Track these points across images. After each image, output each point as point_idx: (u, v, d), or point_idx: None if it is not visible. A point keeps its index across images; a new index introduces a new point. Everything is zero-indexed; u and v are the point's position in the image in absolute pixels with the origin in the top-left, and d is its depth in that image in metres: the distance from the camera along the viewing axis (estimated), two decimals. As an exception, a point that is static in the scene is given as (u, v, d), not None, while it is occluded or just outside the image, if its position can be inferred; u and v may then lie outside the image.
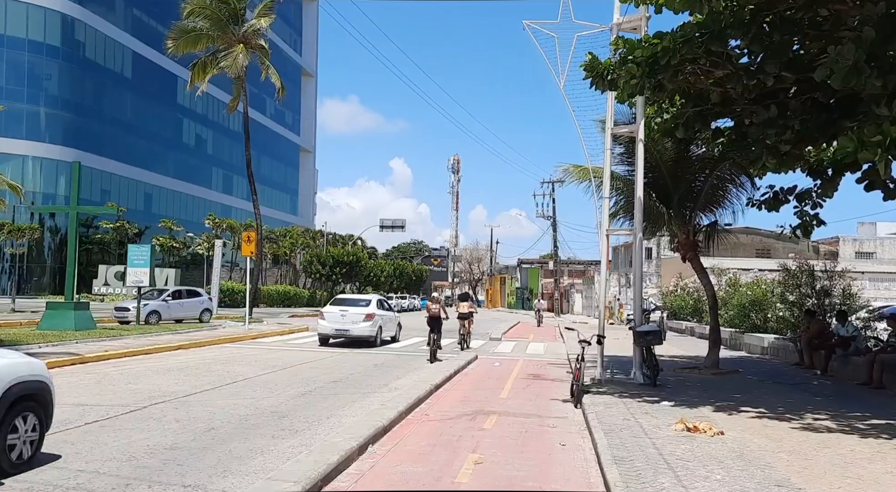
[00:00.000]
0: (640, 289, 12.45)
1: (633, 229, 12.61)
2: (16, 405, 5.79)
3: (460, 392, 11.77)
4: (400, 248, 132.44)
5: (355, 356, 17.03)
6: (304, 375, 13.03)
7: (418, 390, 10.73)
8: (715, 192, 14.35)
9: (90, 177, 55.41)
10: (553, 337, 27.87)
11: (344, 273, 47.15)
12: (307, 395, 10.54)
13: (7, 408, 5.68)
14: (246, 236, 22.85)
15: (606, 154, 12.61)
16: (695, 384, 12.21)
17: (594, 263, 73.07)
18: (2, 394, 5.62)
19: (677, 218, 14.28)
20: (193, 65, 25.64)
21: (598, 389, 11.37)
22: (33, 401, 6.04)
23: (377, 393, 10.88)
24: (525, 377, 14.14)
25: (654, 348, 11.93)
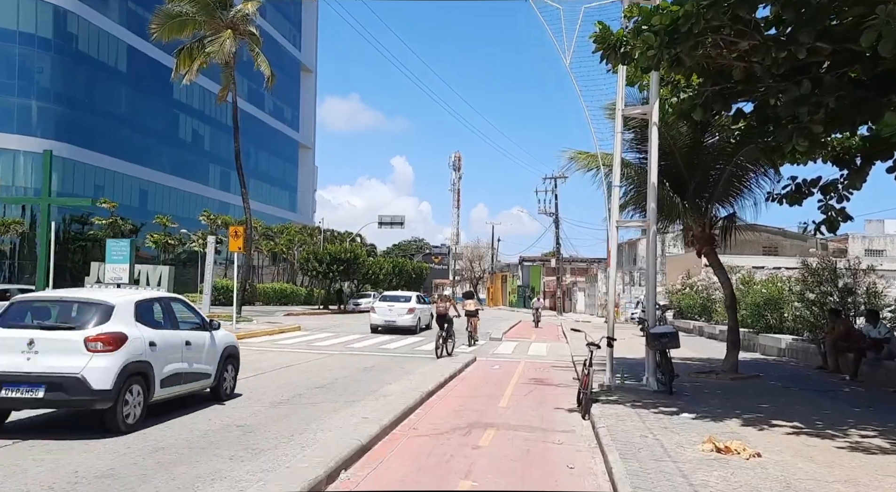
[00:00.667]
0: (653, 286, 11.33)
1: (645, 221, 11.48)
2: (227, 359, 9.74)
3: (455, 400, 10.65)
4: (401, 245, 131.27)
5: (345, 358, 15.93)
6: (286, 379, 11.93)
7: (408, 398, 9.62)
8: (733, 181, 13.20)
9: (83, 172, 54.41)
10: (556, 337, 26.76)
11: (341, 271, 45.92)
12: (284, 404, 9.43)
13: (223, 360, 9.60)
14: (233, 231, 21.74)
15: (617, 138, 11.48)
16: (714, 391, 11.08)
17: (597, 261, 71.91)
18: (222, 351, 9.60)
19: (692, 210, 13.15)
20: (179, 51, 24.51)
21: (608, 397, 10.26)
22: (233, 357, 10.06)
23: (362, 402, 9.77)
24: (527, 382, 13.02)
25: (669, 352, 10.80)
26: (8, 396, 6.94)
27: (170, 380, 8.16)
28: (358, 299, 49.42)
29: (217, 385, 9.42)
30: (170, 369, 8.15)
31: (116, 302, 7.74)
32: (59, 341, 7.24)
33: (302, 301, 54.29)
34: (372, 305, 25.63)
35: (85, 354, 7.11)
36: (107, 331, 7.31)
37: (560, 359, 17.72)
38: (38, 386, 6.93)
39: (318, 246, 49.56)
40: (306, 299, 54.46)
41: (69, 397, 7.02)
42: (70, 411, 7.74)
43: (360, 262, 47.74)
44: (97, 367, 7.06)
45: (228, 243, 22.51)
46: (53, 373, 6.98)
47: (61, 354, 7.10)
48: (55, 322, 7.73)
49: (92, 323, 7.42)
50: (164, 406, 8.37)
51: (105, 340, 7.22)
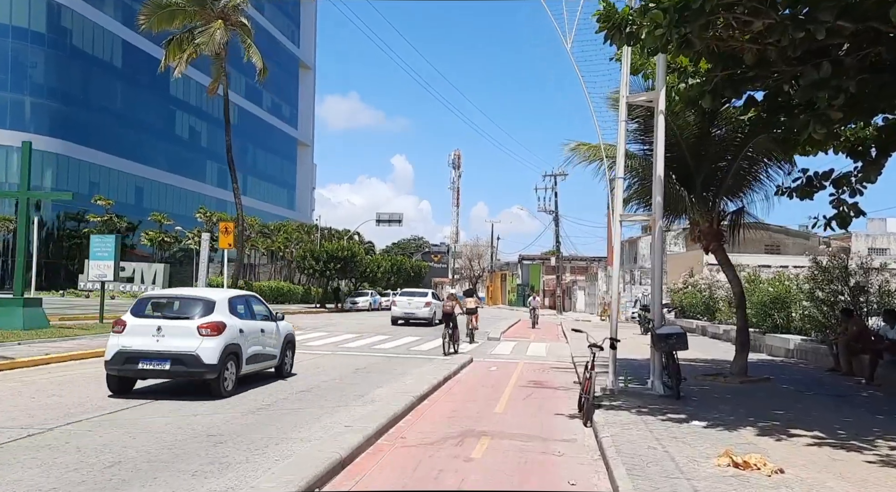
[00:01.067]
0: (659, 285, 10.68)
1: (651, 215, 10.83)
2: (287, 345, 11.74)
3: (449, 405, 10.01)
4: (400, 244, 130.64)
5: (337, 359, 15.29)
6: (270, 383, 11.28)
7: (397, 403, 8.97)
8: (743, 174, 12.56)
9: (77, 168, 53.78)
10: (555, 337, 26.11)
11: (338, 269, 45.28)
12: (264, 410, 8.79)
13: (285, 345, 11.61)
14: (223, 228, 21.10)
15: (621, 127, 10.83)
16: (723, 396, 10.44)
17: (597, 260, 71.28)
18: (284, 338, 11.61)
19: (699, 204, 12.50)
20: (168, 42, 23.83)
21: (612, 401, 9.62)
22: (291, 343, 12.05)
23: (348, 407, 9.13)
24: (525, 385, 12.38)
25: (677, 354, 10.16)
26: (144, 368, 9.22)
27: (251, 359, 10.44)
28: (355, 298, 48.79)
29: (280, 365, 11.70)
30: (251, 350, 10.41)
31: (217, 298, 10.00)
32: (178, 328, 9.39)
33: (299, 300, 53.63)
34: (393, 300, 29.67)
35: (198, 337, 9.30)
36: (212, 320, 9.47)
37: (560, 360, 17.08)
38: (166, 361, 9.19)
39: (316, 244, 48.88)
40: (303, 298, 53.80)
41: (188, 369, 9.26)
42: (185, 379, 9.69)
43: (357, 260, 47.11)
44: (207, 347, 9.25)
45: (219, 240, 21.81)
46: (176, 351, 9.18)
47: (181, 337, 9.29)
48: (174, 313, 9.84)
49: (200, 314, 9.57)
50: (244, 380, 10.33)
51: (211, 327, 9.38)
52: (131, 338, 9.30)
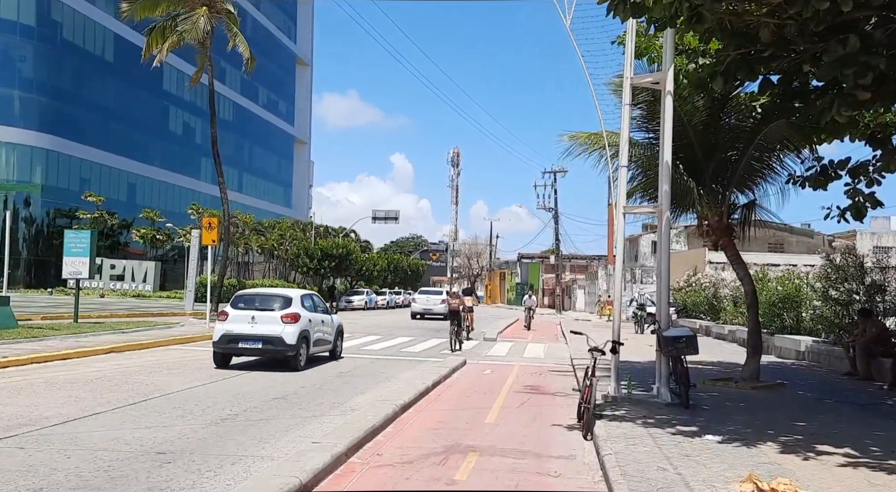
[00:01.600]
0: (666, 283, 9.81)
1: (657, 206, 9.95)
2: (339, 333, 14.55)
3: (436, 414, 9.13)
4: (398, 242, 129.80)
5: (321, 361, 14.40)
6: (243, 388, 10.42)
7: (377, 413, 8.09)
8: (755, 164, 11.69)
9: (68, 164, 52.84)
10: (554, 337, 25.24)
11: (333, 267, 44.45)
12: (228, 421, 7.91)
13: (337, 333, 14.40)
14: (206, 223, 20.18)
15: (625, 111, 9.95)
16: (736, 404, 9.57)
17: (597, 258, 70.43)
18: (336, 328, 14.48)
19: (708, 196, 11.63)
20: (150, 30, 22.92)
21: (614, 411, 8.75)
22: (341, 332, 14.86)
23: (322, 418, 8.26)
24: (521, 390, 11.51)
25: (685, 358, 9.29)
26: (242, 346, 12.32)
27: (316, 343, 13.38)
28: (350, 297, 47.91)
29: (333, 349, 14.60)
30: (316, 336, 13.32)
31: (293, 295, 13.29)
32: (267, 317, 12.35)
33: (294, 298, 52.82)
34: (413, 297, 34.32)
35: (281, 324, 12.28)
36: (290, 311, 12.48)
37: (559, 362, 16.21)
38: (258, 341, 12.19)
39: (310, 242, 48.00)
40: (298, 296, 52.97)
41: (274, 347, 12.24)
42: (269, 357, 12.61)
43: (352, 258, 46.27)
44: (288, 331, 12.24)
45: (202, 236, 20.91)
46: (266, 334, 12.18)
47: (269, 324, 12.24)
48: (263, 306, 12.71)
49: (281, 307, 12.58)
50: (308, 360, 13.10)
51: (290, 317, 12.39)
52: (232, 324, 12.43)
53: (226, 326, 12.38)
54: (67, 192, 52.14)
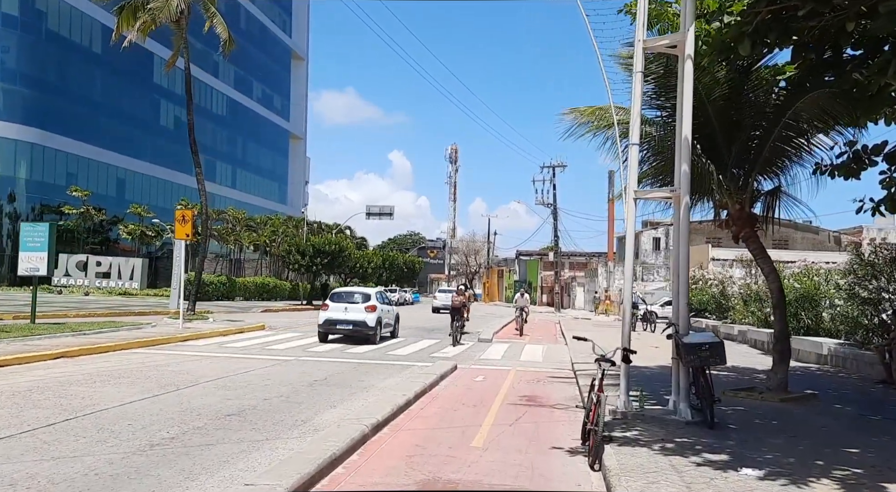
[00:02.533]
0: (685, 278, 8.41)
1: (674, 190, 8.55)
2: (396, 320, 20.85)
3: (414, 434, 7.75)
4: (396, 240, 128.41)
5: (296, 367, 13.02)
6: (197, 401, 9.02)
7: (341, 437, 6.69)
8: (782, 145, 10.28)
9: (54, 159, 51.37)
10: (553, 338, 23.85)
11: (326, 264, 42.94)
12: (159, 447, 6.52)
13: (396, 320, 20.78)
14: (180, 216, 18.76)
15: (636, 81, 8.56)
16: (767, 421, 8.19)
17: (597, 255, 69.07)
18: (395, 315, 20.75)
19: (729, 181, 10.23)
20: (120, 9, 21.48)
21: (626, 431, 7.39)
22: (398, 318, 21.15)
23: (276, 442, 6.88)
24: (516, 402, 10.13)
25: (710, 369, 7.90)
26: (340, 328, 17.69)
27: (385, 326, 18.88)
28: (344, 294, 46.54)
29: (393, 331, 20.18)
30: (385, 320, 18.82)
31: (371, 292, 18.98)
32: (355, 308, 17.78)
33: (286, 296, 51.42)
34: (434, 294, 36.86)
35: (365, 313, 17.77)
36: (371, 304, 17.95)
37: (558, 367, 14.84)
38: (350, 324, 17.63)
39: (300, 238, 46.55)
40: (291, 294, 51.59)
41: (360, 329, 17.71)
42: (356, 335, 17.86)
43: (345, 254, 44.80)
44: (369, 318, 17.73)
45: (175, 230, 19.50)
46: (355, 320, 17.67)
47: (356, 313, 17.71)
48: (351, 300, 18.12)
49: (363, 300, 18.05)
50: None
51: (371, 307, 17.83)
52: (331, 313, 17.95)
53: (327, 314, 18.12)
54: (53, 186, 50.68)
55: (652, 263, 53.94)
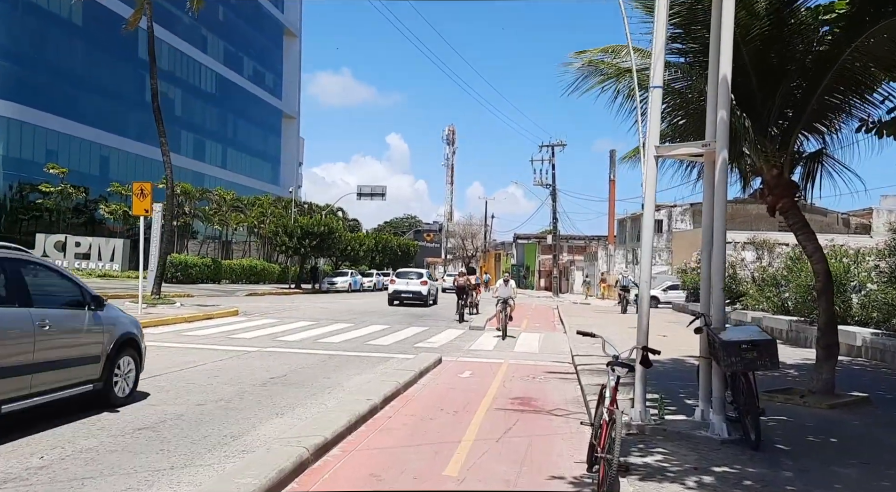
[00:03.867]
0: (720, 258, 6.64)
1: (707, 145, 6.74)
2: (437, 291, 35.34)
3: (371, 456, 6.01)
4: (392, 223, 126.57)
5: (256, 360, 11.29)
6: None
7: (266, 466, 4.95)
8: (833, 98, 8.48)
9: (32, 134, 49.21)
10: (551, 325, 22.15)
11: (314, 246, 41.12)
12: (18, 480, 4.78)
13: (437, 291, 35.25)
14: (138, 189, 16.91)
15: (660, 6, 6.72)
16: (824, 439, 6.47)
17: (597, 238, 67.33)
18: (438, 289, 36.00)
19: (767, 140, 8.44)
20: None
21: (645, 455, 5.68)
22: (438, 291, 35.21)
23: (181, 472, 5.15)
24: (505, 406, 8.40)
25: (754, 375, 6.17)
26: (403, 296, 28.81)
27: (430, 295, 29.89)
28: (333, 278, 44.77)
29: (435, 301, 31.12)
30: (431, 293, 30.24)
31: (423, 271, 31.88)
32: (414, 282, 29.26)
33: (275, 279, 49.66)
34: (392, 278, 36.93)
35: (420, 286, 29.03)
36: (424, 279, 29.59)
37: (556, 358, 13.15)
38: (410, 294, 28.86)
39: (287, 219, 44.70)
40: (280, 277, 49.81)
41: (418, 298, 28.93)
42: (415, 302, 28.82)
43: (335, 236, 42.98)
44: (423, 289, 28.99)
45: (133, 205, 17.65)
46: (414, 290, 28.92)
47: (415, 286, 29.06)
48: (410, 277, 29.86)
49: (418, 277, 29.85)
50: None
51: (424, 282, 29.28)
52: (397, 286, 28.69)
53: (395, 286, 28.68)
54: (32, 164, 48.60)
55: (654, 246, 52.08)
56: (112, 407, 7.07)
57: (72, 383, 6.62)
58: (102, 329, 7.12)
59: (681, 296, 33.57)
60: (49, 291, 6.68)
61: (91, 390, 6.89)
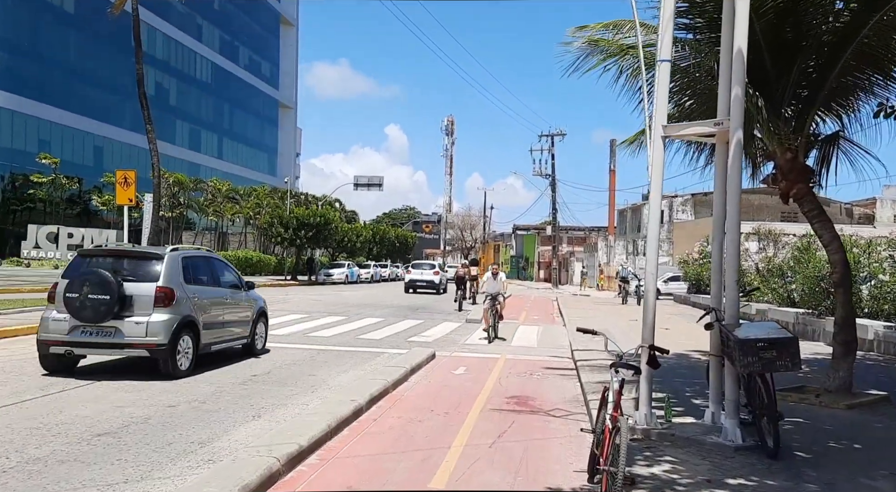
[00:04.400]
0: (735, 246, 6.09)
1: (720, 124, 6.17)
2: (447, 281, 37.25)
3: (350, 466, 5.48)
4: (391, 214, 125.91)
5: (239, 357, 10.75)
6: (68, 412, 6.75)
7: (229, 480, 4.41)
8: (853, 74, 7.90)
9: (24, 124, 48.58)
10: (550, 318, 21.64)
11: (310, 237, 40.57)
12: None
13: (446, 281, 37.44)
14: (121, 177, 16.36)
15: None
16: (848, 444, 5.95)
17: (597, 229, 66.76)
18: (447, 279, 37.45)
19: (781, 122, 7.87)
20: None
21: (652, 464, 5.16)
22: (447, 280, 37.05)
23: (138, 485, 4.61)
24: (500, 406, 7.87)
25: (772, 376, 5.62)
26: (418, 285, 34.45)
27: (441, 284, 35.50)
28: (330, 270, 44.21)
29: (445, 289, 34.95)
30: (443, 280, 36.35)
31: (436, 263, 40.17)
32: (428, 272, 35.20)
33: (272, 271, 49.08)
34: (408, 268, 39.87)
35: (433, 276, 34.82)
36: (436, 270, 35.70)
37: (555, 352, 12.64)
38: (425, 283, 34.46)
39: (282, 210, 44.09)
40: (277, 269, 49.25)
41: (431, 287, 34.57)
42: (428, 290, 34.34)
43: (332, 227, 42.42)
44: (435, 278, 34.64)
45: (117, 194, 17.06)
46: (428, 280, 34.57)
47: (429, 275, 34.91)
48: (424, 268, 36.65)
49: (431, 268, 36.29)
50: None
51: (436, 272, 35.13)
52: (412, 275, 34.81)
53: (410, 276, 34.19)
54: (25, 154, 47.95)
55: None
56: (255, 355, 10.70)
57: (236, 337, 10.28)
58: (250, 304, 10.80)
59: (682, 287, 33.11)
60: (224, 277, 10.32)
61: (244, 343, 10.59)
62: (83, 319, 8.18)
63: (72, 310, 8.17)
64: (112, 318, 8.21)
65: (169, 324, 8.36)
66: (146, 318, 8.31)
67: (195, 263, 9.49)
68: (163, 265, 8.66)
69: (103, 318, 8.17)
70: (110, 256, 8.99)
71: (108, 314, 8.16)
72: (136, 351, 8.34)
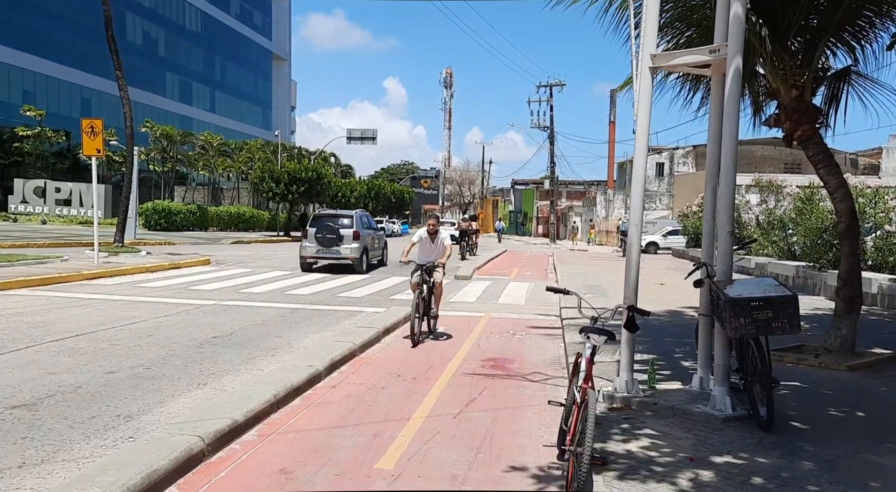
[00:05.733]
0: (730, 195, 5.35)
1: (715, 51, 5.36)
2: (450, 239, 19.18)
3: (292, 442, 4.88)
4: (389, 170, 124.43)
5: (205, 317, 10.15)
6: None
7: (136, 465, 3.80)
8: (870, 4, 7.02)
9: (7, 74, 47.12)
10: (543, 273, 21.00)
11: (302, 192, 39.69)
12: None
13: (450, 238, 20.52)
14: (87, 126, 15.44)
15: None
16: (850, 412, 5.34)
17: (596, 183, 65.72)
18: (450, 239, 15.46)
19: (787, 55, 7.03)
20: None
21: (628, 438, 4.56)
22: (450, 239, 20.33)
23: (34, 469, 4.02)
24: (475, 370, 7.28)
25: (767, 340, 4.97)
26: None
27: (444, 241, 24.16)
28: (323, 225, 43.48)
29: None
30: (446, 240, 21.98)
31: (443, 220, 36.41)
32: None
33: (265, 227, 48.41)
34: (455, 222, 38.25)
35: None
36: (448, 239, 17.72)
37: (543, 311, 12.05)
38: None
39: (277, 164, 43.11)
40: (270, 225, 48.55)
41: None
42: None
43: (325, 182, 41.48)
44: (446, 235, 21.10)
45: (83, 145, 16.21)
46: None
47: None
48: None
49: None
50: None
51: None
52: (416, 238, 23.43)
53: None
54: (8, 105, 46.68)
55: (655, 190, 50.75)
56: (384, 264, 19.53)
57: (377, 257, 19.77)
58: (383, 240, 20.65)
59: (681, 241, 32.44)
60: (373, 225, 19.96)
61: (380, 259, 20.17)
62: (323, 245, 16.96)
63: (318, 241, 16.94)
64: (335, 245, 16.94)
65: (359, 249, 17.28)
66: (349, 245, 17.08)
67: (363, 217, 18.58)
68: (353, 219, 17.56)
69: (331, 245, 16.95)
70: (330, 216, 18.00)
71: (333, 243, 16.95)
72: (346, 261, 17.16)
